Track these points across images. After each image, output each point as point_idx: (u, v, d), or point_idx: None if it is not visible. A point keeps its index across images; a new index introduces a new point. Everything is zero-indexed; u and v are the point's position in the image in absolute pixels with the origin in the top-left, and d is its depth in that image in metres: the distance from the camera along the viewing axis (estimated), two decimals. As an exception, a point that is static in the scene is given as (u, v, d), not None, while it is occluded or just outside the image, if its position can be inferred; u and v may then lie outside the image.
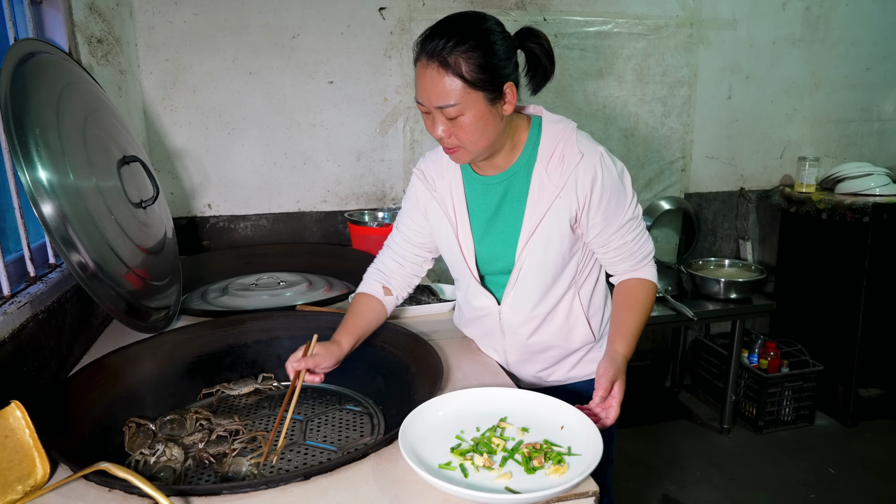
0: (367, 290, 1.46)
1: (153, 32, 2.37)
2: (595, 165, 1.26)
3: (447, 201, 1.38)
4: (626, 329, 1.31)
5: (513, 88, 1.21)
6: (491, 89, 1.17)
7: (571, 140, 1.28)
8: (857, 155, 3.41)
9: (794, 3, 3.12)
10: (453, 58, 1.13)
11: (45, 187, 1.17)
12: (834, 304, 3.06)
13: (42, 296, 1.33)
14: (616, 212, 1.30)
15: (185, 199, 2.54)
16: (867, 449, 2.89)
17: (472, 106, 1.17)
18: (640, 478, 2.68)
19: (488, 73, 1.15)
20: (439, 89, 1.15)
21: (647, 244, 1.38)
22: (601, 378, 1.20)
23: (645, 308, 1.35)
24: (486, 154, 1.28)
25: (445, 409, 1.14)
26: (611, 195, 1.28)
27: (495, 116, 1.21)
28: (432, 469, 0.97)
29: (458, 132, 1.20)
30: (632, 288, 1.37)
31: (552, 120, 1.33)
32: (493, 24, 1.20)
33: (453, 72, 1.14)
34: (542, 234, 1.29)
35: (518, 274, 1.34)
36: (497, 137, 1.25)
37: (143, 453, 1.12)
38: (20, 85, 1.21)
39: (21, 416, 0.94)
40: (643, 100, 3.00)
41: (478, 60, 1.14)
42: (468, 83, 1.14)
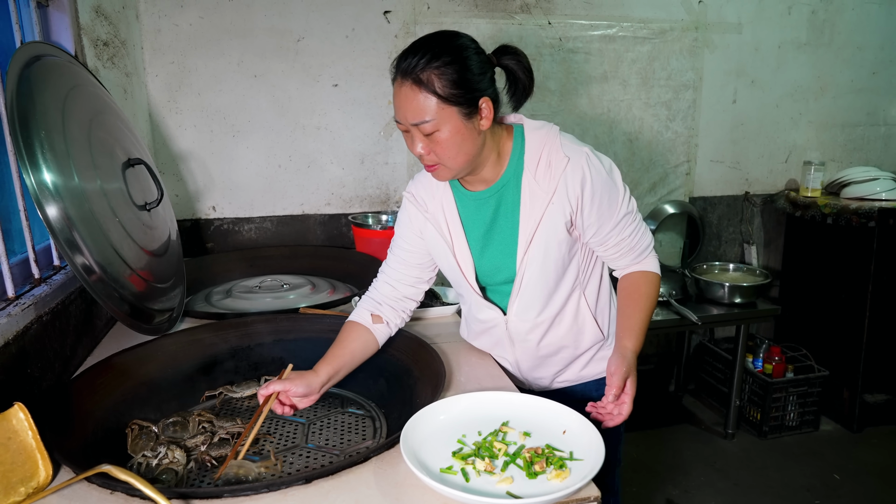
0: (354, 318, 1.40)
1: (159, 35, 2.38)
2: (583, 167, 1.26)
3: (440, 221, 1.38)
4: (632, 324, 1.32)
5: (489, 103, 1.21)
6: (466, 104, 1.18)
7: (556, 144, 1.28)
8: (863, 159, 3.40)
9: (800, 7, 3.11)
10: (426, 74, 1.15)
11: (50, 189, 1.18)
12: (839, 309, 3.05)
13: (46, 298, 1.33)
14: (609, 209, 1.30)
15: (189, 202, 2.54)
16: (872, 455, 2.87)
17: (446, 121, 1.18)
18: (643, 482, 2.67)
19: (462, 88, 1.17)
20: (414, 106, 1.17)
21: (646, 236, 1.38)
22: (613, 376, 1.22)
23: (650, 300, 1.35)
24: (468, 169, 1.28)
25: (447, 413, 1.14)
26: (602, 194, 1.28)
27: (472, 131, 1.21)
28: (433, 473, 0.97)
29: (436, 148, 1.21)
30: (635, 282, 1.37)
31: (534, 127, 1.33)
32: (467, 40, 1.22)
33: (427, 89, 1.15)
34: (540, 240, 1.30)
35: (521, 282, 1.35)
36: (476, 152, 1.25)
37: (145, 455, 1.12)
38: (26, 88, 1.22)
39: (24, 418, 0.94)
40: (648, 103, 3.00)
41: (451, 76, 1.15)
42: (442, 99, 1.16)
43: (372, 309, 1.41)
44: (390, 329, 1.42)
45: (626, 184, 1.35)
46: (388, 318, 1.41)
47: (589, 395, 1.47)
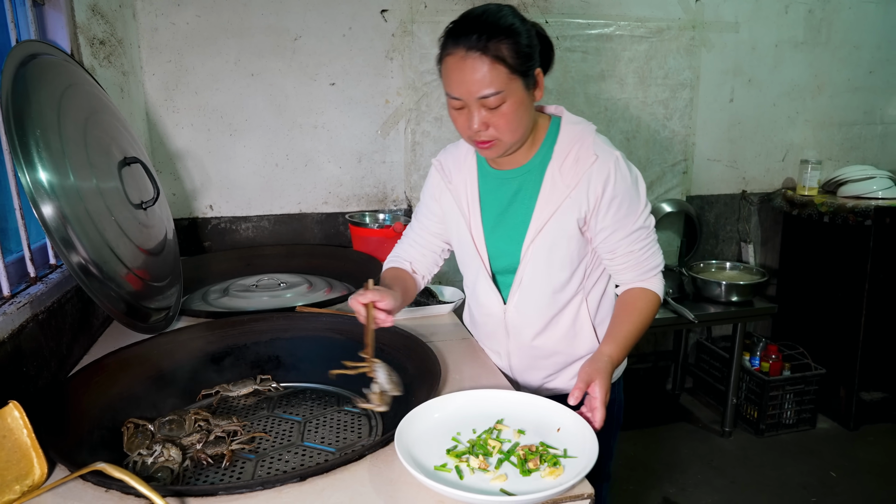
0: (397, 265, 1.51)
1: (156, 34, 2.38)
2: (609, 168, 1.26)
3: (461, 194, 1.40)
4: (618, 332, 1.29)
5: (540, 73, 1.23)
6: (528, 75, 1.20)
7: (588, 142, 1.28)
8: (860, 158, 3.40)
9: (797, 6, 3.12)
10: (493, 45, 1.14)
11: (46, 188, 1.18)
12: (836, 308, 3.05)
13: (42, 296, 1.33)
14: (626, 218, 1.29)
15: (186, 200, 2.54)
16: (869, 452, 2.88)
17: (513, 93, 1.18)
18: (640, 480, 2.68)
19: (525, 57, 1.17)
20: (479, 79, 1.15)
21: (656, 256, 1.35)
22: (577, 377, 1.17)
23: (643, 316, 1.32)
24: (519, 144, 1.29)
25: (442, 410, 1.14)
26: (622, 200, 1.27)
27: (530, 103, 1.23)
28: (427, 471, 0.97)
29: (499, 122, 1.20)
30: (633, 296, 1.35)
31: (571, 121, 1.33)
32: (512, 10, 1.22)
33: (497, 59, 1.14)
34: (549, 233, 1.30)
35: (524, 273, 1.35)
36: (530, 126, 1.27)
37: (141, 454, 1.12)
38: (21, 86, 1.21)
39: (19, 416, 0.94)
40: (645, 102, 3.00)
41: (513, 46, 1.16)
42: (511, 69, 1.16)
43: (408, 262, 1.52)
44: (422, 283, 1.54)
45: None
46: (422, 273, 1.54)
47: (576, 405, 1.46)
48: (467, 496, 0.88)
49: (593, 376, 1.16)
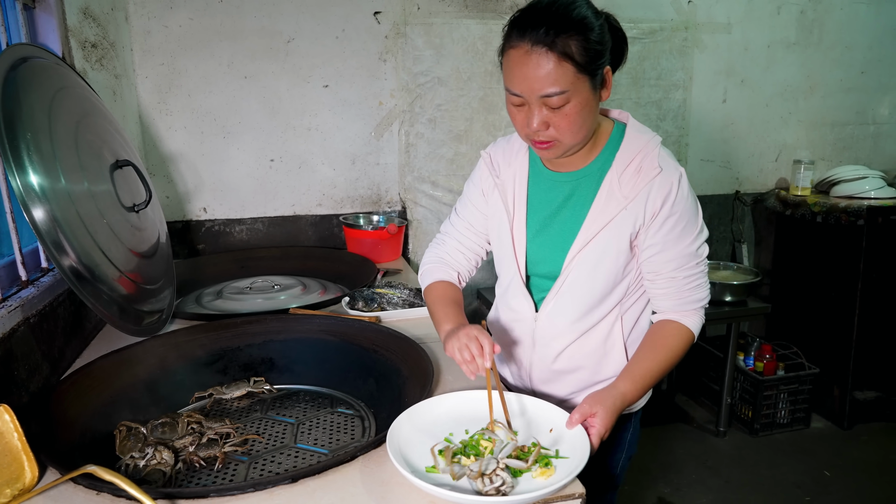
0: (444, 278, 1.43)
1: (148, 37, 2.38)
2: (672, 183, 1.17)
3: (508, 191, 1.31)
4: (636, 369, 1.20)
5: (609, 73, 1.15)
6: (596, 74, 1.11)
7: (654, 153, 1.19)
8: (853, 158, 3.42)
9: (789, 7, 3.13)
10: (562, 40, 1.05)
11: (37, 192, 1.18)
12: (829, 307, 3.07)
13: (34, 300, 1.33)
14: (678, 239, 1.19)
15: (180, 203, 2.54)
16: (863, 451, 2.89)
17: (579, 92, 1.09)
18: (635, 480, 2.68)
19: (595, 55, 1.08)
20: (547, 76, 1.07)
21: (701, 290, 1.24)
22: (580, 404, 1.10)
23: (671, 355, 1.22)
24: (580, 147, 1.21)
25: (434, 411, 1.15)
26: (678, 219, 1.18)
27: (596, 104, 1.15)
28: (419, 472, 0.97)
29: (561, 122, 1.12)
30: (665, 330, 1.24)
31: (637, 129, 1.24)
32: (586, 2, 1.12)
33: (565, 56, 1.06)
34: (599, 245, 1.21)
35: (563, 282, 1.26)
36: (593, 128, 1.19)
37: (133, 457, 1.12)
38: (12, 90, 1.21)
39: (10, 420, 0.94)
40: (638, 103, 3.01)
41: (584, 43, 1.06)
42: (579, 67, 1.07)
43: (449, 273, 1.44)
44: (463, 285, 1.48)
45: None
46: (464, 276, 1.47)
47: None
48: (459, 497, 0.88)
49: (595, 409, 1.09)
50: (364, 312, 1.72)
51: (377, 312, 1.73)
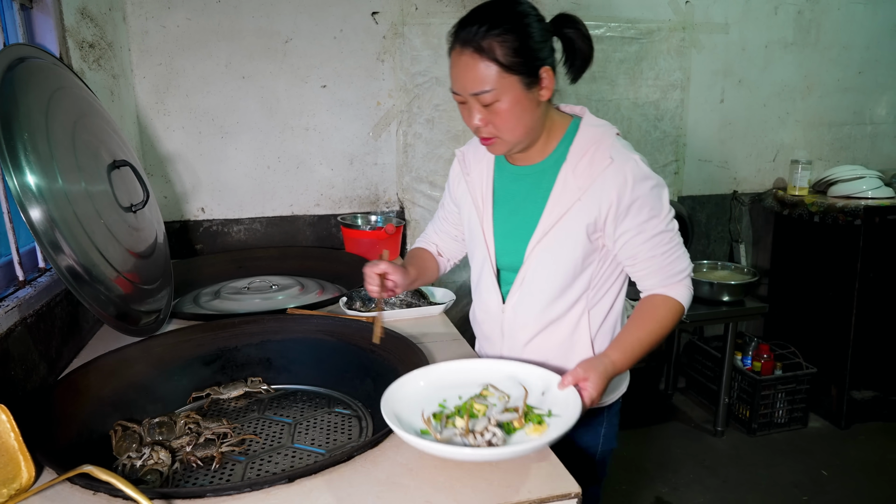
0: (423, 246, 1.59)
1: (146, 37, 2.38)
2: (624, 173, 1.20)
3: (476, 187, 1.39)
4: (625, 339, 1.23)
5: (549, 73, 1.19)
6: (527, 73, 1.16)
7: (606, 144, 1.24)
8: (850, 158, 3.43)
9: (787, 7, 3.14)
10: (487, 42, 1.13)
11: (34, 192, 1.18)
12: (827, 307, 3.07)
13: (31, 300, 1.33)
14: (647, 222, 1.23)
15: (178, 203, 2.54)
16: (860, 451, 2.90)
17: (507, 91, 1.15)
18: (632, 480, 2.69)
19: (523, 56, 1.14)
20: (474, 75, 1.15)
21: (681, 261, 1.27)
22: (574, 369, 1.14)
23: (660, 326, 1.24)
24: (524, 144, 1.26)
25: (427, 378, 1.18)
26: (643, 203, 1.22)
27: (532, 102, 1.19)
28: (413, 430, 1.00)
29: (495, 120, 1.19)
30: (652, 303, 1.27)
31: (592, 122, 1.29)
32: (527, 7, 1.19)
33: (488, 56, 1.13)
34: (556, 235, 1.26)
35: (526, 273, 1.31)
36: (534, 125, 1.23)
37: (130, 457, 1.12)
38: (9, 90, 1.21)
39: (6, 420, 0.94)
40: (636, 103, 3.01)
41: (512, 44, 1.13)
42: (503, 67, 1.13)
43: (434, 244, 1.59)
44: (448, 265, 1.61)
45: None
46: (447, 255, 1.60)
47: None
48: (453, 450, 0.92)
49: (588, 374, 1.12)
50: (362, 312, 1.72)
51: (375, 312, 1.73)
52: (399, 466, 0.99)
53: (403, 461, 1.01)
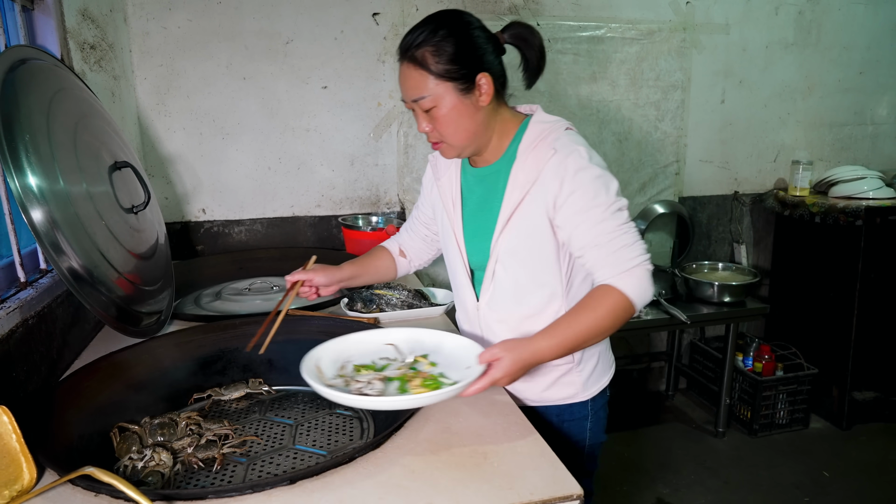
0: (385, 245, 1.66)
1: (147, 38, 2.38)
2: (565, 164, 1.22)
3: (446, 190, 1.43)
4: (560, 328, 1.18)
5: (488, 79, 1.24)
6: (462, 80, 1.22)
7: (551, 138, 1.27)
8: (851, 158, 3.42)
9: (787, 7, 3.14)
10: (420, 52, 1.21)
11: (35, 193, 1.18)
12: (828, 307, 3.07)
13: (32, 301, 1.33)
14: (588, 211, 1.21)
15: (179, 204, 2.54)
16: (861, 452, 2.90)
17: (443, 97, 1.22)
18: (633, 481, 2.69)
19: (457, 63, 1.20)
20: (411, 84, 1.24)
21: (630, 249, 1.20)
22: (494, 346, 1.14)
23: (597, 318, 1.17)
24: (471, 148, 1.31)
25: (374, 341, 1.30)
26: (583, 193, 1.21)
27: (469, 107, 1.25)
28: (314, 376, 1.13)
29: (437, 125, 1.26)
30: (594, 295, 1.20)
31: (540, 119, 1.33)
32: (466, 17, 1.25)
33: (421, 65, 1.21)
34: (514, 228, 1.29)
35: (493, 268, 1.34)
36: (477, 129, 1.28)
37: (131, 458, 1.12)
38: (10, 91, 1.21)
39: (8, 421, 0.94)
40: (637, 104, 3.01)
41: (445, 52, 1.20)
42: (435, 75, 1.21)
43: (399, 244, 1.66)
44: (410, 266, 1.67)
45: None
46: (411, 257, 1.66)
47: (549, 418, 1.41)
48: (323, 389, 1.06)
49: (502, 354, 1.11)
50: (363, 313, 1.72)
51: (376, 314, 1.73)
52: (401, 468, 0.99)
53: (405, 463, 1.01)
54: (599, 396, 1.45)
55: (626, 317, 1.19)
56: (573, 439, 1.43)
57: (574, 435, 1.43)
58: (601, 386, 1.45)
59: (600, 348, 1.44)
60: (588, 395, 1.42)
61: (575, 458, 1.44)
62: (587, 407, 1.43)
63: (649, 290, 1.20)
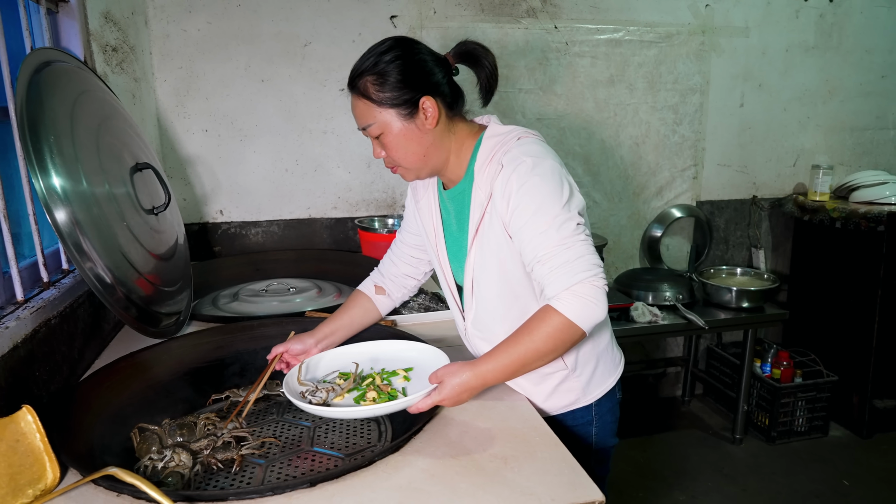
0: (360, 288, 1.58)
1: (167, 41, 2.40)
2: (510, 180, 1.18)
3: (426, 213, 1.43)
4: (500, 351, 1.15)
5: (432, 102, 1.22)
6: (403, 105, 1.21)
7: (500, 152, 1.24)
8: (872, 163, 3.38)
9: (808, 10, 3.10)
10: (361, 82, 1.22)
11: (59, 194, 1.19)
12: (848, 314, 3.03)
13: (55, 301, 1.34)
14: (528, 228, 1.17)
15: (197, 206, 2.56)
16: (882, 461, 2.85)
17: (389, 124, 1.23)
18: (650, 487, 2.66)
19: (396, 90, 1.20)
20: (357, 114, 1.25)
21: (572, 267, 1.11)
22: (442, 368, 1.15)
23: (536, 343, 1.11)
24: (427, 169, 1.30)
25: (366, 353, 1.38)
26: (524, 209, 1.17)
27: (415, 132, 1.24)
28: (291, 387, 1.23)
29: (387, 151, 1.26)
30: (535, 314, 1.15)
31: (492, 133, 1.28)
32: (406, 42, 1.25)
33: (364, 95, 1.22)
34: (480, 247, 1.28)
35: (471, 287, 1.33)
36: (426, 152, 1.27)
37: (151, 458, 1.13)
38: (36, 93, 1.23)
39: (32, 421, 0.95)
40: (654, 107, 2.99)
41: (384, 81, 1.20)
42: (375, 103, 1.21)
43: (376, 281, 1.57)
44: (393, 301, 1.56)
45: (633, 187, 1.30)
46: (391, 291, 1.55)
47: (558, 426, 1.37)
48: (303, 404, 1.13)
49: (443, 378, 1.12)
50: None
51: (393, 316, 1.73)
52: (421, 472, 0.99)
53: (425, 467, 1.01)
54: (605, 399, 1.41)
55: (570, 338, 1.12)
56: (578, 443, 1.41)
57: (579, 439, 1.41)
58: (605, 388, 1.41)
59: (598, 350, 1.38)
60: (591, 399, 1.40)
61: (580, 462, 1.43)
62: (591, 411, 1.41)
63: (596, 309, 1.10)
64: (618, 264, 3.16)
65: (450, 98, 1.27)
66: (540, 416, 1.19)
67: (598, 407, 1.42)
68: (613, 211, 3.06)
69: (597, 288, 1.10)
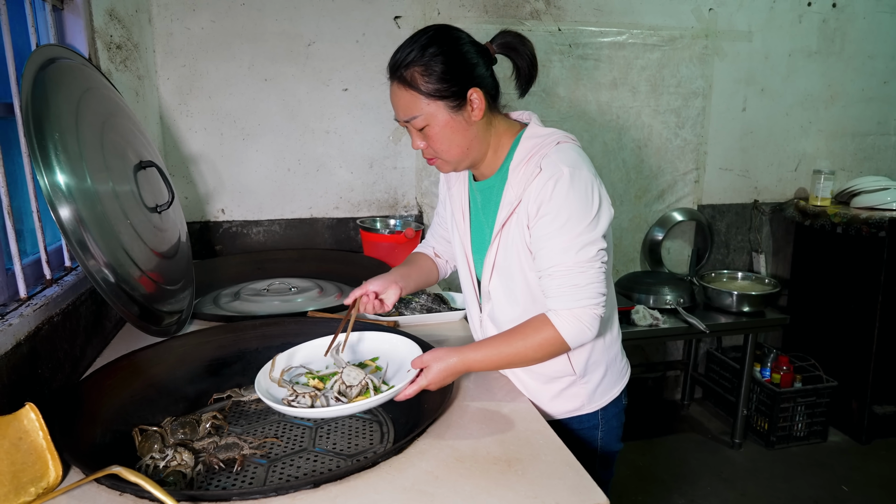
0: (420, 250, 1.61)
1: (171, 39, 2.40)
2: (546, 186, 1.18)
3: (456, 202, 1.43)
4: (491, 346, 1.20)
5: (479, 94, 1.22)
6: (452, 97, 1.20)
7: (541, 154, 1.23)
8: (874, 169, 3.38)
9: (811, 15, 3.11)
10: (409, 72, 1.19)
11: (63, 191, 1.18)
12: (848, 319, 3.03)
13: (57, 298, 1.34)
14: (551, 240, 1.19)
15: (199, 204, 2.55)
16: (881, 467, 2.85)
17: (434, 116, 1.21)
18: (649, 491, 2.66)
19: (447, 81, 1.18)
20: (402, 105, 1.22)
21: (580, 293, 1.17)
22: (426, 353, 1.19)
23: (526, 348, 1.18)
24: (466, 162, 1.30)
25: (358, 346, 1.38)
26: (555, 217, 1.18)
27: (462, 124, 1.23)
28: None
29: (430, 143, 1.25)
30: (532, 322, 1.21)
31: (532, 133, 1.28)
32: (452, 32, 1.23)
33: (411, 87, 1.19)
34: (503, 245, 1.29)
35: (489, 282, 1.34)
36: (470, 144, 1.26)
37: (153, 457, 1.12)
38: (41, 90, 1.22)
39: (35, 419, 0.94)
40: (657, 111, 2.99)
41: (434, 72, 1.18)
42: (425, 95, 1.19)
43: (432, 248, 1.61)
44: (448, 266, 1.61)
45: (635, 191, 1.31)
46: (447, 258, 1.60)
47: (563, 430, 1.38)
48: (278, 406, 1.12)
49: (429, 363, 1.16)
50: (382, 317, 1.72)
51: (395, 317, 1.73)
52: (424, 474, 0.99)
53: (429, 468, 1.00)
54: (612, 405, 1.42)
55: (556, 352, 1.21)
56: (583, 447, 1.42)
57: (584, 443, 1.42)
58: (612, 396, 1.42)
59: (608, 358, 1.39)
60: (597, 406, 1.40)
61: (585, 465, 1.43)
62: (597, 416, 1.41)
63: (589, 334, 1.19)
64: (619, 267, 3.16)
65: (493, 90, 1.27)
66: (544, 420, 1.18)
67: (605, 412, 1.42)
68: (615, 214, 3.03)
69: (595, 316, 1.19)
